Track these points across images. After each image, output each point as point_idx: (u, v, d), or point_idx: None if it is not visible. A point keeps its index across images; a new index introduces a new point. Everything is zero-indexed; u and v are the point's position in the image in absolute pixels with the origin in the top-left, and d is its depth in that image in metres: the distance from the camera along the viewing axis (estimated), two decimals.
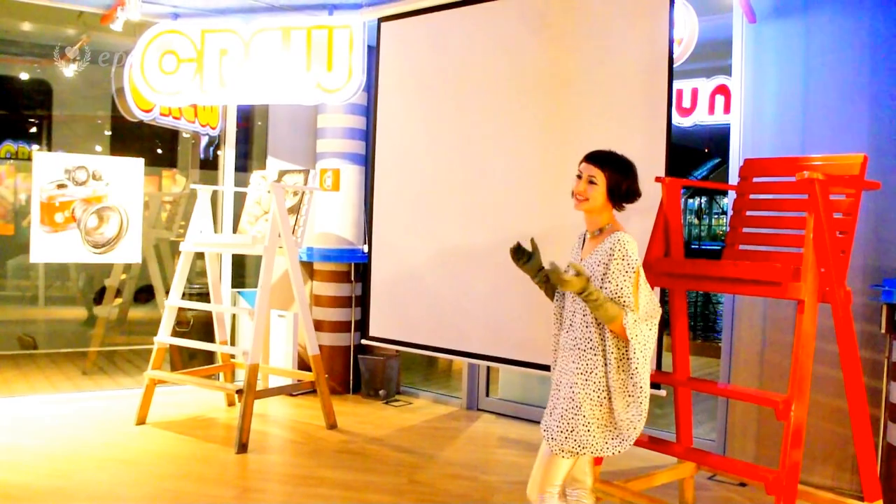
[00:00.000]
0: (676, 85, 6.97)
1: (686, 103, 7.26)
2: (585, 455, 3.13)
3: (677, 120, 7.17)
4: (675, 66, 4.60)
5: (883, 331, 4.41)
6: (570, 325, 3.20)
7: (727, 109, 6.78)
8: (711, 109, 7.17)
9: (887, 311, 4.37)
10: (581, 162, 3.19)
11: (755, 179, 4.18)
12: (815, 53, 4.93)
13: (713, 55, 6.07)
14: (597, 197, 3.12)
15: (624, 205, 3.19)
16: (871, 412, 4.08)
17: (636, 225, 4.22)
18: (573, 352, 3.15)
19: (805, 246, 3.37)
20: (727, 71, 6.12)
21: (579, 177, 3.16)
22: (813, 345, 3.37)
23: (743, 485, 4.80)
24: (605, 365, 3.08)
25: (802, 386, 3.31)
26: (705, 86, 7.18)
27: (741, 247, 4.11)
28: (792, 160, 4.08)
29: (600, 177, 3.12)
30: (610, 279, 3.03)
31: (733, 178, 4.97)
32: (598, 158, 3.16)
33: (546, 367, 4.88)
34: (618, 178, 3.12)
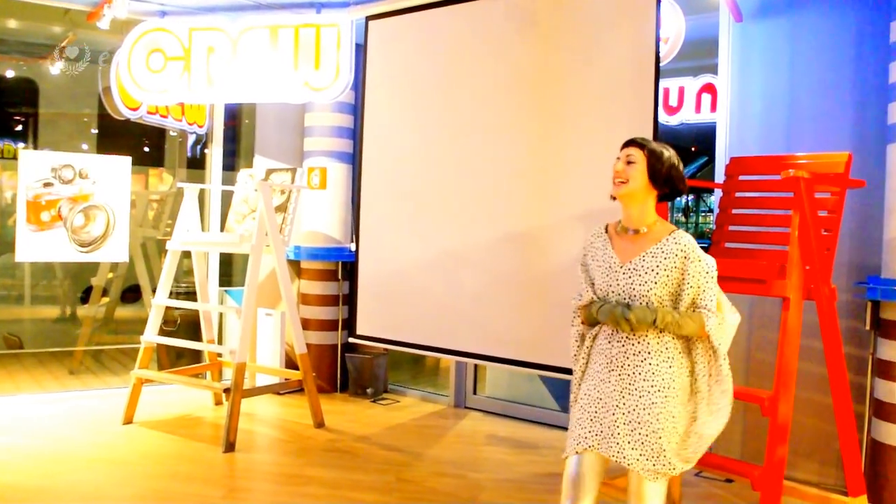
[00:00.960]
0: (663, 83, 6.99)
1: (673, 102, 7.28)
2: (676, 474, 2.86)
3: (664, 118, 7.19)
4: (661, 64, 4.61)
5: (867, 327, 4.44)
6: (628, 335, 2.90)
7: (714, 108, 6.80)
8: (698, 108, 7.18)
9: (871, 308, 4.40)
10: (620, 150, 2.99)
11: (741, 178, 4.21)
12: (801, 52, 4.96)
13: (700, 54, 6.10)
14: (636, 177, 2.89)
15: (667, 193, 2.97)
16: (856, 408, 4.11)
17: None
18: (642, 366, 2.85)
19: (790, 244, 3.40)
20: (714, 70, 6.15)
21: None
22: (798, 342, 3.40)
23: (729, 481, 4.83)
24: (692, 374, 2.89)
25: (787, 382, 3.34)
26: (692, 84, 7.19)
27: (727, 244, 4.14)
28: (777, 158, 4.11)
29: (639, 155, 2.91)
30: (691, 283, 2.82)
31: (720, 176, 5.00)
32: (637, 141, 2.97)
33: (534, 365, 4.89)
34: (657, 158, 2.92)
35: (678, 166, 2.96)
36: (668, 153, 2.94)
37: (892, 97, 4.35)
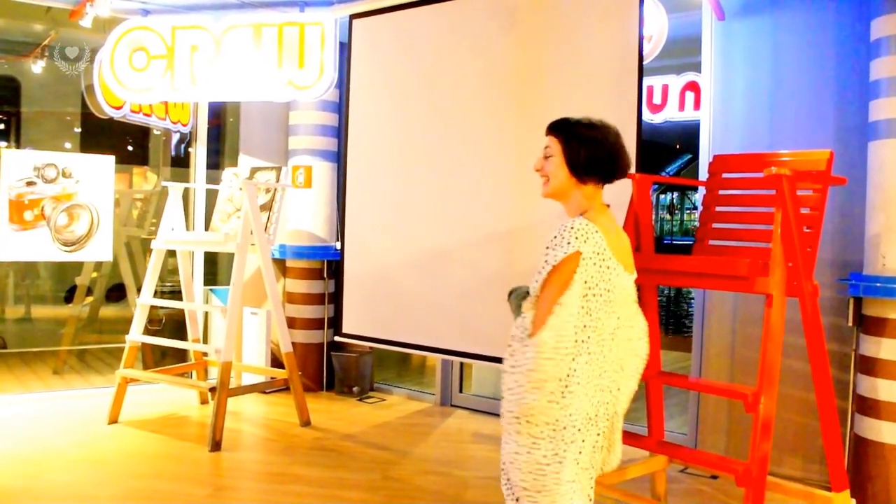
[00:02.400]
0: (647, 81, 7.01)
1: (657, 100, 7.31)
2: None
3: (648, 116, 7.22)
4: (645, 62, 4.63)
5: (850, 324, 4.47)
6: None
7: (697, 106, 6.83)
8: (682, 106, 7.21)
9: (854, 305, 4.44)
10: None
11: (724, 175, 4.23)
12: (783, 50, 4.99)
13: (683, 52, 6.12)
14: (556, 173, 2.47)
15: (595, 181, 2.47)
16: (839, 404, 4.13)
17: None
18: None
19: (773, 241, 3.41)
20: (697, 67, 6.18)
21: None
22: (781, 338, 3.42)
23: (714, 477, 4.86)
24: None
25: (771, 379, 3.36)
26: (675, 82, 7.22)
27: (711, 242, 4.15)
28: (760, 156, 4.12)
29: (555, 146, 2.48)
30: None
31: (704, 174, 5.02)
32: (552, 125, 2.53)
33: None
34: (574, 142, 2.45)
35: (602, 146, 2.46)
36: (587, 133, 2.47)
37: (874, 95, 4.37)
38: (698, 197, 4.96)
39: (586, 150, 2.43)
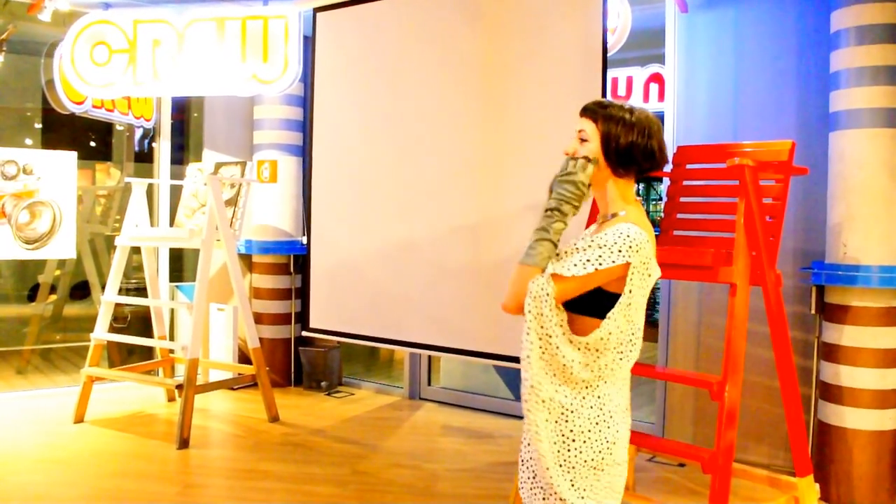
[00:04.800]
0: (611, 73, 7.04)
1: (621, 91, 7.34)
2: None
3: None
4: (609, 54, 4.65)
5: (812, 311, 4.54)
6: None
7: (661, 97, 6.87)
8: (646, 97, 7.24)
9: (816, 293, 4.50)
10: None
11: (688, 166, 4.25)
12: (746, 42, 5.04)
13: (647, 44, 6.16)
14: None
15: (632, 173, 2.28)
16: (802, 391, 4.20)
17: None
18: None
19: (736, 230, 3.44)
20: (661, 59, 6.22)
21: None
22: (745, 327, 3.45)
23: (682, 465, 4.91)
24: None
25: (735, 367, 3.39)
26: (640, 74, 7.25)
27: (675, 232, 4.18)
28: (723, 147, 4.16)
29: (592, 130, 2.25)
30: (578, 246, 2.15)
31: (667, 165, 5.06)
32: (592, 107, 2.29)
33: (487, 355, 4.92)
34: (612, 128, 2.22)
35: (643, 135, 2.24)
36: (630, 121, 2.24)
37: (834, 86, 4.44)
38: (663, 188, 4.99)
39: (626, 137, 2.22)
